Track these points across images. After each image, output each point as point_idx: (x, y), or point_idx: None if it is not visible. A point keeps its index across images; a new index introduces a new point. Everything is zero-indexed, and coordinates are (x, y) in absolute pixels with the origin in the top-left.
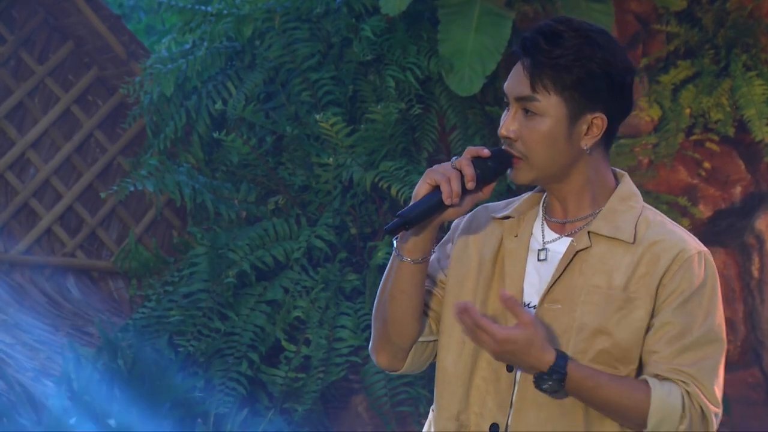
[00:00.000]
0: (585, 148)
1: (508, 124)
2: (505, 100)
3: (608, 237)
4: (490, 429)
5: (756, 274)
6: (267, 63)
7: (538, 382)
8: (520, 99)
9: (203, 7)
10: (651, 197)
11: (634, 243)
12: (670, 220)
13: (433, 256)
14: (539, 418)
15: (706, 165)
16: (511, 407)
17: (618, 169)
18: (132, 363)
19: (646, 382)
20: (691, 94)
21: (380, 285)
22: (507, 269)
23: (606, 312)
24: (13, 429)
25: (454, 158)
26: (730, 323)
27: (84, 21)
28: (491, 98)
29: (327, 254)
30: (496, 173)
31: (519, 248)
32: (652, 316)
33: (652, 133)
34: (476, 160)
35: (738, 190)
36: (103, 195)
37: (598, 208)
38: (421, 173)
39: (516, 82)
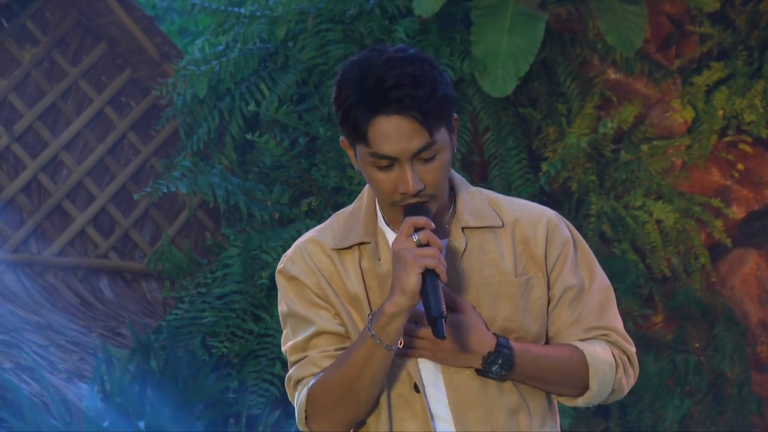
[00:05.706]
0: (456, 152)
1: (414, 179)
2: (383, 163)
3: (478, 227)
4: None
5: None
6: (300, 64)
7: (488, 365)
8: (419, 151)
9: (236, 9)
10: (684, 198)
11: (503, 226)
12: (503, 195)
13: (314, 314)
14: (479, 416)
15: (740, 166)
16: (433, 421)
17: None
18: (165, 364)
19: (575, 346)
20: (725, 96)
21: (347, 373)
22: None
23: (507, 300)
24: (46, 431)
25: (414, 235)
26: (763, 324)
27: (117, 23)
28: (524, 99)
29: None
30: None
31: (391, 269)
32: (548, 288)
33: (685, 134)
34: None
35: None
36: (136, 196)
37: (451, 204)
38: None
39: (406, 140)
